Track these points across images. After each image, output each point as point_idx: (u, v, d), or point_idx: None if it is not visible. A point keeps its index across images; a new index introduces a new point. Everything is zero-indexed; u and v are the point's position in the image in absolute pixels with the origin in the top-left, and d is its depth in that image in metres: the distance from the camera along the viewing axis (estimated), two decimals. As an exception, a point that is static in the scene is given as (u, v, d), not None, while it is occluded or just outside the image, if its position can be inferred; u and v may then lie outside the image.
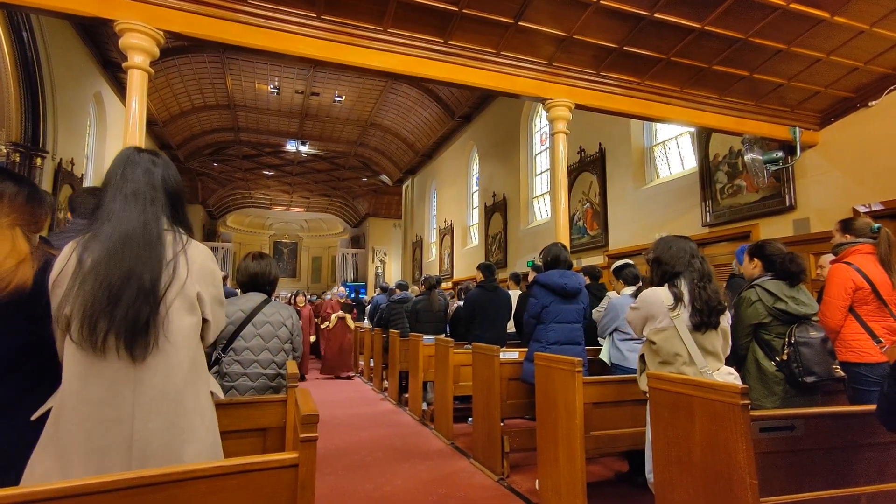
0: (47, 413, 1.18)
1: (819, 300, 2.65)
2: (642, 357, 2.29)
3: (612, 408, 2.87)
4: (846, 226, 2.75)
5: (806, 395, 2.25)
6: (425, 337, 5.43)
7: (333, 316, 8.63)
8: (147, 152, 1.34)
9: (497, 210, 10.39)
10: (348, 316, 8.77)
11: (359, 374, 8.93)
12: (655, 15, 3.39)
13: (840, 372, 2.23)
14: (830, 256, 2.89)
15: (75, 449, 1.10)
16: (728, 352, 2.21)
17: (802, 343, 2.19)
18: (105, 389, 1.13)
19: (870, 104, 4.38)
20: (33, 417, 1.20)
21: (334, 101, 11.69)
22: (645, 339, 2.23)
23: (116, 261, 1.16)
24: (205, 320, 1.33)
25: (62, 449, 1.11)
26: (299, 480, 1.15)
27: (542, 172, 9.48)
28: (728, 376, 2.06)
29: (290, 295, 9.71)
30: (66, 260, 1.17)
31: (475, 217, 11.99)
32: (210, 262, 1.35)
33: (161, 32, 2.92)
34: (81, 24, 7.09)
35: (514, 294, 5.27)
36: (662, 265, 2.22)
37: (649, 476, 2.13)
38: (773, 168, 4.90)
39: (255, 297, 2.53)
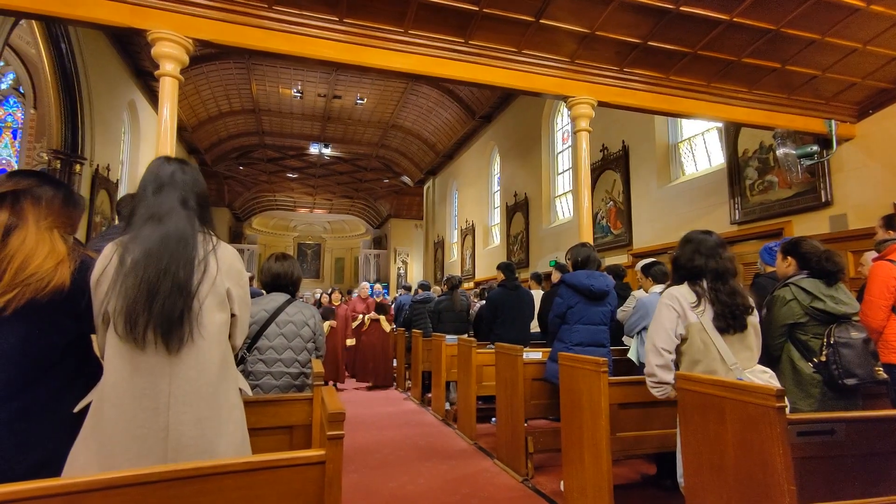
0: (87, 407, 1.25)
1: (860, 299, 2.54)
2: None
3: (638, 409, 2.81)
4: (889, 222, 2.64)
5: (845, 398, 2.15)
6: (448, 337, 5.44)
7: (367, 317, 7.74)
8: (177, 161, 1.42)
9: (519, 210, 10.32)
10: (383, 318, 7.75)
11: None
12: (681, 8, 3.31)
13: (883, 374, 2.13)
14: (872, 254, 2.77)
15: (119, 436, 1.17)
16: (760, 348, 2.13)
17: (843, 344, 2.10)
18: (145, 381, 1.20)
19: (911, 94, 4.18)
20: (76, 410, 1.26)
21: (356, 103, 11.82)
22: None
23: (154, 260, 1.24)
24: (233, 315, 1.39)
25: (105, 437, 1.18)
26: (327, 477, 1.17)
27: (564, 171, 9.37)
28: (762, 374, 1.99)
29: (321, 294, 8.70)
30: (108, 260, 1.25)
31: (497, 217, 11.93)
32: (238, 262, 1.43)
33: (190, 40, 3.01)
34: (116, 34, 7.37)
35: (536, 294, 5.23)
36: (679, 269, 2.17)
37: (681, 480, 2.08)
38: (808, 162, 4.72)
39: (279, 298, 2.59)
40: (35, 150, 6.40)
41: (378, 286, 8.82)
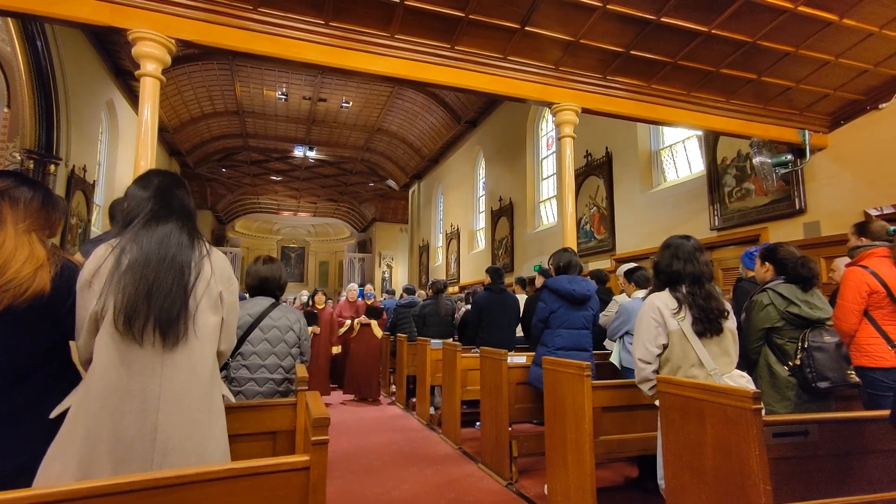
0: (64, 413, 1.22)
1: (832, 304, 2.62)
2: None
3: (621, 412, 2.85)
4: (861, 229, 2.73)
5: (819, 400, 2.22)
6: (433, 341, 5.43)
7: (356, 321, 7.00)
8: (170, 173, 1.49)
9: (504, 214, 10.38)
10: (374, 322, 6.99)
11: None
12: (662, 19, 3.39)
13: (854, 377, 2.20)
14: (845, 260, 2.86)
15: (104, 438, 1.15)
16: (738, 353, 2.19)
17: (816, 348, 2.16)
18: (134, 382, 1.20)
19: (880, 106, 4.34)
20: (52, 415, 1.23)
21: (341, 106, 11.77)
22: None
23: (153, 260, 1.26)
24: (222, 319, 1.40)
25: (89, 441, 1.15)
26: (311, 483, 1.16)
27: (548, 177, 9.47)
28: (740, 379, 2.04)
29: (308, 297, 7.87)
30: (101, 260, 1.26)
31: (482, 221, 11.99)
32: (229, 268, 1.46)
33: (172, 41, 2.97)
34: (94, 33, 7.21)
35: (521, 298, 5.27)
36: (659, 274, 2.22)
37: (661, 482, 2.11)
38: (783, 171, 4.86)
39: (263, 302, 2.55)
40: (7, 150, 6.20)
41: (369, 287, 7.89)
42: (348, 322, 7.06)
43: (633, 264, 3.84)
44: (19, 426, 1.19)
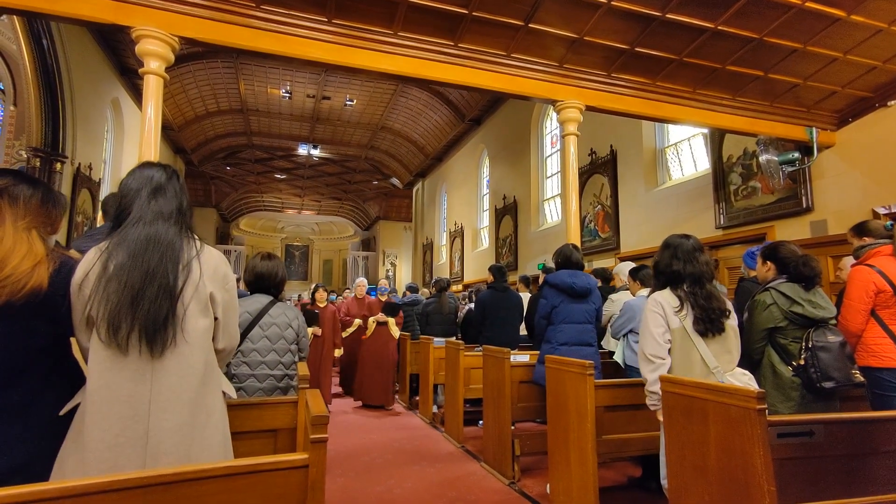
0: (73, 409, 1.23)
1: (839, 303, 2.58)
2: None
3: (624, 411, 2.84)
4: (860, 229, 2.70)
5: (823, 400, 2.19)
6: (436, 339, 5.43)
7: (371, 320, 6.29)
8: (164, 166, 1.43)
9: (507, 213, 10.36)
10: (391, 321, 6.26)
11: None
12: (667, 15, 3.36)
13: (859, 377, 2.17)
14: (851, 259, 2.82)
15: (94, 445, 1.15)
16: (740, 350, 2.17)
17: (820, 347, 2.14)
18: (125, 388, 1.19)
19: (888, 104, 4.29)
20: (62, 412, 1.24)
21: (345, 104, 11.78)
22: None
23: (139, 263, 1.23)
24: (215, 318, 1.37)
25: (83, 445, 1.16)
26: (309, 481, 1.15)
27: (552, 175, 9.43)
28: (742, 377, 2.02)
29: (302, 295, 7.19)
30: (91, 265, 1.24)
31: (485, 220, 11.97)
32: (223, 265, 1.41)
33: (176, 38, 2.98)
34: (99, 31, 7.25)
35: (525, 297, 5.25)
36: (659, 274, 2.21)
37: (664, 482, 2.09)
38: (790, 169, 4.81)
39: (262, 299, 2.56)
40: (14, 148, 6.26)
41: (384, 281, 6.99)
42: (357, 322, 6.39)
43: (632, 264, 3.81)
44: (13, 424, 1.19)
